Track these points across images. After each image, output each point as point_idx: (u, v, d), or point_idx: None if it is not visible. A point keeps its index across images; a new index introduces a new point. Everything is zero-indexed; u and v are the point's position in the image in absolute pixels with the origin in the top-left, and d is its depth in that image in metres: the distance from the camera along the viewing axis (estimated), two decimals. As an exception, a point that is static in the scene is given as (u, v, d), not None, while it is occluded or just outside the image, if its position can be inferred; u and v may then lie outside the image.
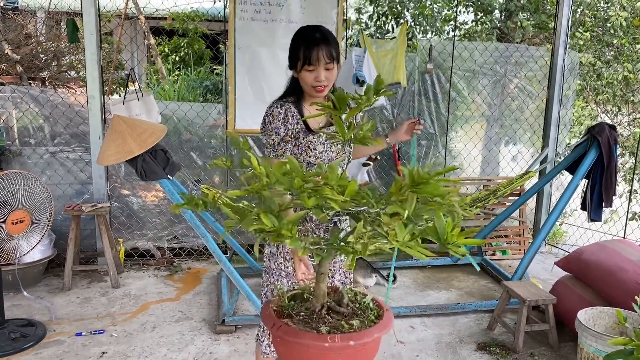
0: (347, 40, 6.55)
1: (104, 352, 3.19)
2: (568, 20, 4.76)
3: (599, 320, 2.97)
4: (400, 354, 3.28)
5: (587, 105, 7.83)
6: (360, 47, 4.49)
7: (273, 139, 2.09)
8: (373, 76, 4.40)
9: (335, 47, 2.05)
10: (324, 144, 2.12)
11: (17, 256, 3.31)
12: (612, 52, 7.85)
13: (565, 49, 4.82)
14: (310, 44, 2.01)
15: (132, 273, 4.49)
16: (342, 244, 1.16)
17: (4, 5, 8.88)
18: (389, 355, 3.25)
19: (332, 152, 2.16)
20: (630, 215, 7.35)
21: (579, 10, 7.45)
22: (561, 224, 7.20)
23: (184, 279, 4.40)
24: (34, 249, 3.55)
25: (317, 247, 1.20)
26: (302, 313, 1.32)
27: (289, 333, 1.22)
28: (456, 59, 4.95)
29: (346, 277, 2.33)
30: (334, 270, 2.25)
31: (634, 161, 7.30)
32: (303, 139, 2.09)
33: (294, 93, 2.13)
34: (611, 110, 8.06)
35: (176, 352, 3.22)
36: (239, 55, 4.32)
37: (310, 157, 2.10)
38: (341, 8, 4.45)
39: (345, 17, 8.16)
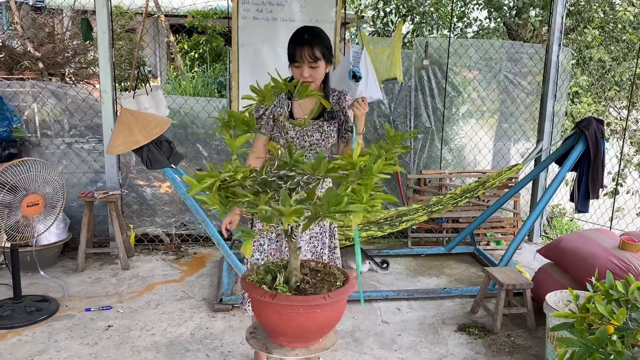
0: (356, 36, 6.76)
1: (109, 326, 3.48)
2: (562, 18, 4.87)
3: (569, 303, 3.14)
4: (384, 332, 3.49)
5: (595, 102, 7.85)
6: (358, 44, 4.70)
7: (254, 115, 2.40)
8: (370, 72, 4.59)
9: (321, 48, 2.29)
10: (296, 131, 2.40)
11: (35, 236, 3.63)
12: (622, 49, 7.85)
13: (560, 45, 4.94)
14: (296, 44, 2.30)
15: (142, 257, 4.78)
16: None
17: (34, 4, 9.31)
18: (373, 333, 3.47)
19: (305, 142, 2.44)
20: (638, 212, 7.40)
21: (587, 6, 7.49)
22: (571, 220, 7.28)
23: (189, 263, 4.67)
24: (48, 231, 3.87)
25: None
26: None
27: (274, 297, 1.49)
28: (452, 55, 5.11)
29: (334, 254, 2.59)
30: (323, 247, 2.53)
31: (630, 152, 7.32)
32: (281, 123, 2.39)
33: None
34: (625, 107, 8.04)
35: (175, 327, 3.49)
36: (242, 53, 4.57)
37: (282, 139, 2.41)
38: (339, 7, 4.65)
39: (359, 14, 8.37)
